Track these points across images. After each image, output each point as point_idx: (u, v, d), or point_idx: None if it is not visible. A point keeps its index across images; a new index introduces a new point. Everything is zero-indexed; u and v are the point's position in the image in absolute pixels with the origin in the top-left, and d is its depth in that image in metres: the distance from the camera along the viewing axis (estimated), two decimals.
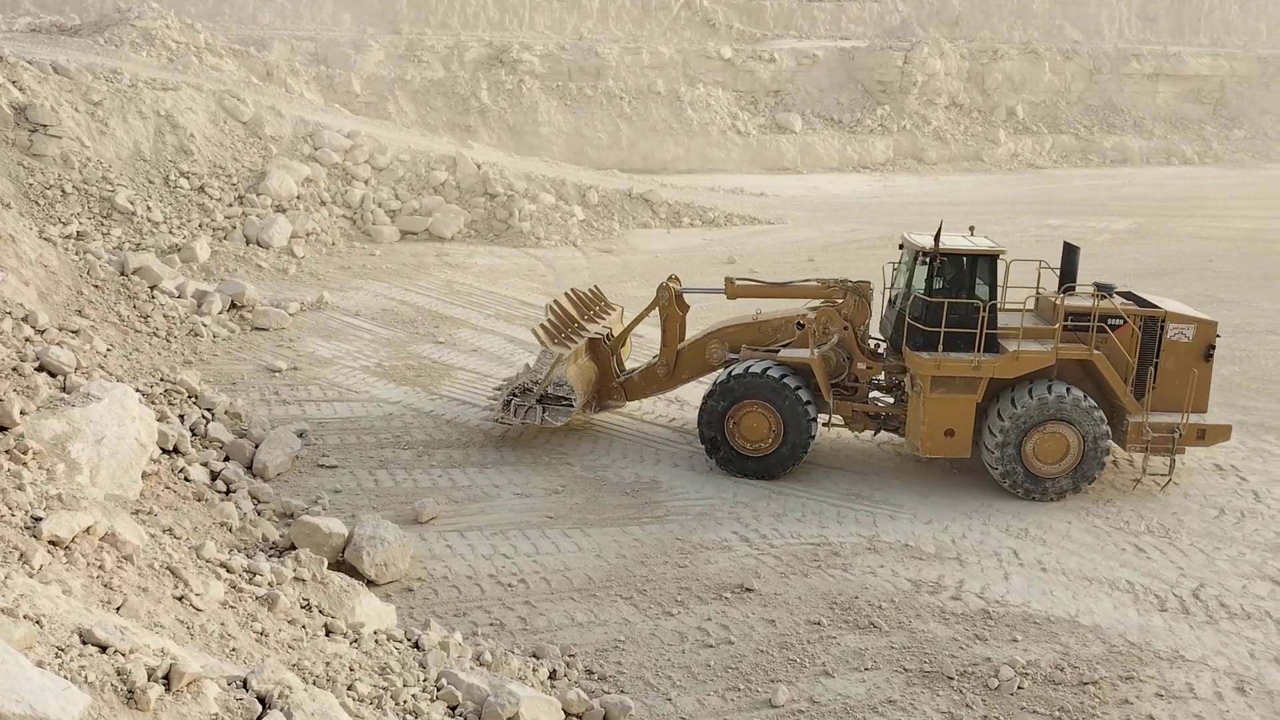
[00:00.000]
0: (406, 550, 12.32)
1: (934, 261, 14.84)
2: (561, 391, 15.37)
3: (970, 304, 14.73)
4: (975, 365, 14.53)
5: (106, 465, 11.19)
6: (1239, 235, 33.89)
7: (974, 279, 15.05)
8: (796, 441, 14.97)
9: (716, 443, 15.15)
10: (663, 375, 16.40)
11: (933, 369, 14.55)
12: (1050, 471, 14.72)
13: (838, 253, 29.28)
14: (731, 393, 14.99)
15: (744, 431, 15.04)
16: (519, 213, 28.54)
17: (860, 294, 15.72)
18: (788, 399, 14.88)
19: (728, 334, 16.12)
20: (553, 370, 15.33)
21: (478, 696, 8.99)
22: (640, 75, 45.19)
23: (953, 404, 14.64)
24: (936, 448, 14.88)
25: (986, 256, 15.04)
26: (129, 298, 19.20)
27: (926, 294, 14.84)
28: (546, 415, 15.41)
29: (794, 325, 15.74)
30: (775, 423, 14.95)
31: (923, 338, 14.78)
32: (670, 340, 16.33)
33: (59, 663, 6.00)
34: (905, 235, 16.04)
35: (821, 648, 11.26)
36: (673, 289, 16.32)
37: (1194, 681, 10.92)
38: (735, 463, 15.14)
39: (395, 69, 42.46)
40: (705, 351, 16.13)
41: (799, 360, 15.24)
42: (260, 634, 8.81)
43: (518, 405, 15.44)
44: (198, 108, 27.96)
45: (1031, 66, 51.24)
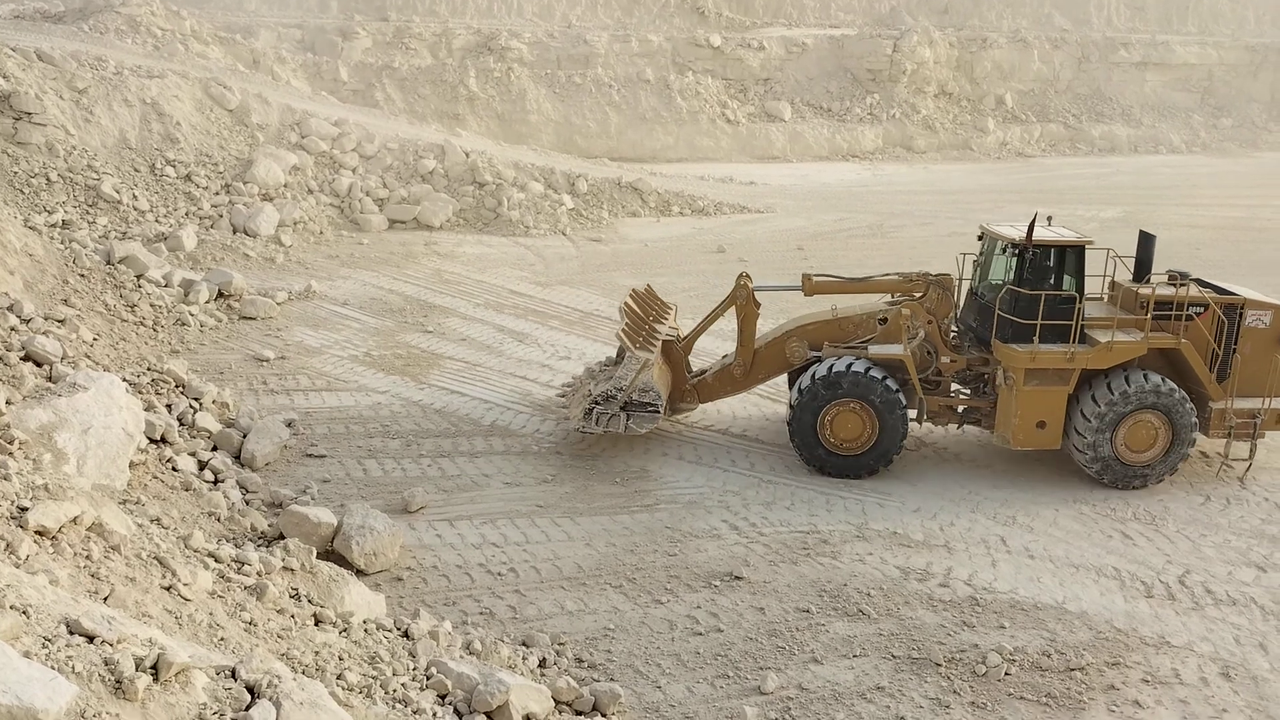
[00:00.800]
0: (396, 539, 12.31)
1: (1025, 254, 14.85)
2: (647, 398, 14.73)
3: (1062, 295, 14.77)
4: (1069, 357, 14.61)
5: (93, 455, 11.15)
6: (1226, 224, 34.02)
7: (1061, 270, 15.04)
8: (890, 440, 14.82)
9: (810, 444, 14.88)
10: (739, 375, 15.90)
11: (1027, 361, 14.59)
12: (1138, 460, 14.87)
13: (827, 241, 29.30)
14: (828, 391, 14.71)
15: (837, 430, 14.81)
16: (508, 201, 28.47)
17: (943, 287, 15.59)
18: (884, 397, 14.69)
19: (807, 332, 15.71)
20: (639, 375, 14.67)
21: (467, 685, 9.00)
22: (629, 63, 45.06)
23: (1045, 396, 14.74)
24: (1028, 440, 14.95)
25: (1075, 247, 15.02)
26: (115, 287, 19.09)
27: (1017, 286, 14.87)
28: (631, 422, 14.75)
29: (876, 321, 15.54)
30: (870, 421, 14.76)
31: (1013, 330, 14.80)
32: (748, 340, 15.78)
33: (46, 653, 5.98)
34: (986, 226, 16.00)
35: (810, 635, 11.30)
36: (749, 286, 15.80)
37: (1180, 667, 11.00)
38: (827, 461, 14.93)
39: (383, 56, 42.25)
40: (785, 350, 15.69)
41: (892, 356, 15.03)
42: (249, 624, 8.80)
43: (600, 413, 14.71)
44: (184, 95, 27.79)
45: (1020, 55, 51.28)
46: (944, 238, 30.24)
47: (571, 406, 15.72)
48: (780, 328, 16.18)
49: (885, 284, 16.06)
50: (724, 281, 24.72)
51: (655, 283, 24.41)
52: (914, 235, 30.48)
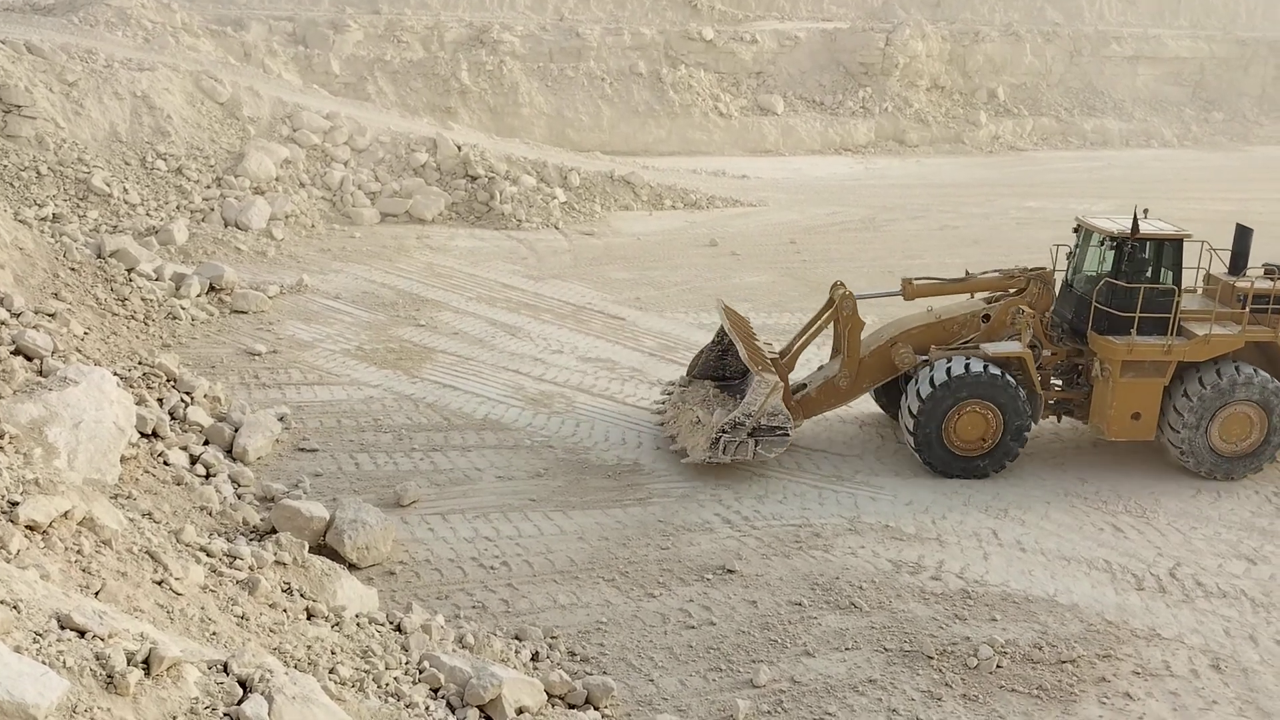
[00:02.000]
0: (388, 533, 12.30)
1: (1123, 246, 14.90)
2: (776, 421, 14.36)
3: (1160, 288, 14.83)
4: (1166, 349, 14.70)
5: (84, 449, 11.12)
6: (1218, 217, 34.00)
7: (1159, 263, 15.10)
8: (1014, 438, 14.78)
9: (934, 448, 14.73)
10: (845, 386, 15.50)
11: (1124, 353, 14.70)
12: (1232, 451, 14.99)
13: (819, 235, 29.30)
14: (951, 394, 14.54)
15: (960, 433, 14.70)
16: (500, 195, 28.40)
17: (1043, 281, 15.57)
18: (1010, 396, 14.61)
19: (912, 336, 15.48)
20: (768, 399, 14.28)
21: (460, 679, 9.01)
22: (622, 56, 44.96)
23: (1141, 388, 14.84)
24: (1123, 431, 15.05)
25: (1174, 241, 15.08)
26: (106, 280, 19.02)
27: (1115, 278, 14.90)
28: (760, 448, 14.37)
29: (979, 320, 15.45)
30: (995, 420, 14.69)
31: (1110, 322, 14.86)
32: (853, 350, 15.40)
33: (37, 648, 5.96)
34: (1081, 219, 16.01)
35: (803, 628, 11.32)
36: (853, 297, 15.40)
37: (1170, 659, 11.05)
38: (951, 464, 14.82)
39: (374, 49, 42.09)
40: (893, 357, 15.36)
41: (1011, 354, 14.93)
42: (241, 618, 8.79)
43: (728, 441, 14.26)
44: (174, 88, 27.67)
45: (1012, 49, 51.28)
46: (936, 231, 30.28)
47: (683, 437, 15.07)
48: (879, 334, 15.86)
49: (986, 282, 15.98)
50: (717, 275, 24.75)
51: (648, 277, 24.46)
52: (906, 229, 30.50)
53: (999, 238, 29.81)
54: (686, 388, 16.46)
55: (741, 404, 14.51)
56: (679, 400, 16.17)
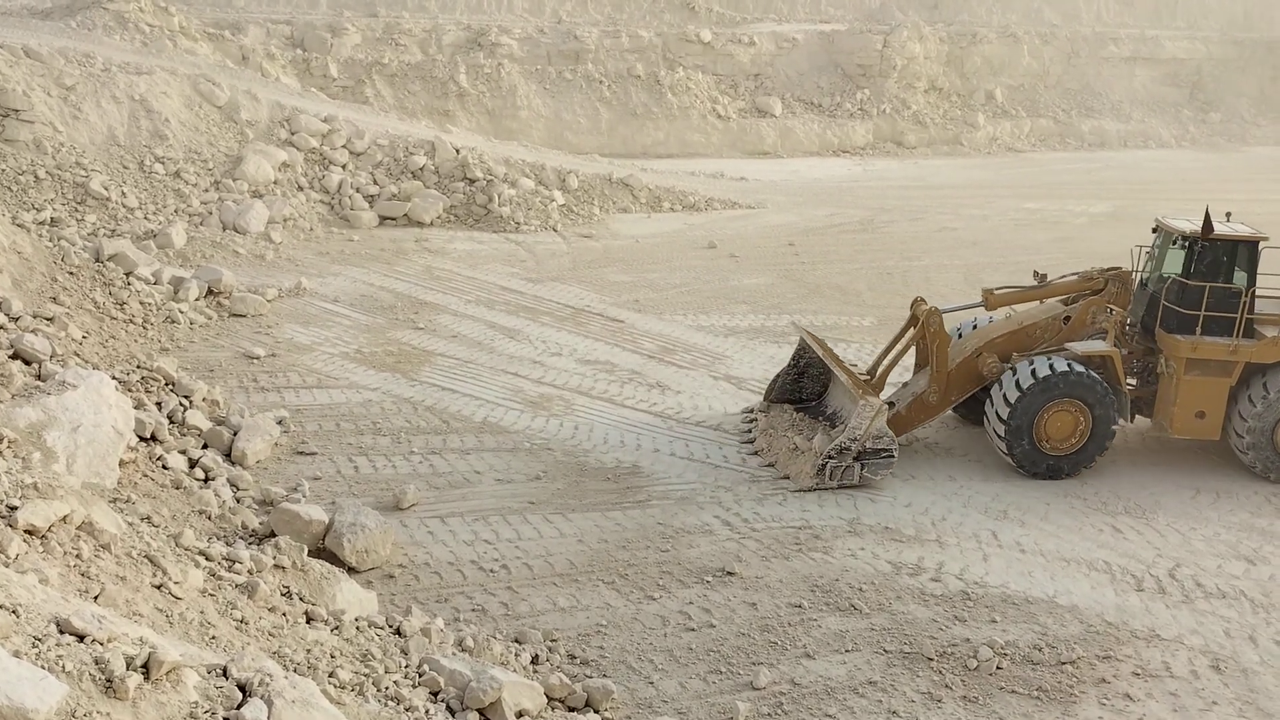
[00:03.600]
0: (387, 537, 12.29)
1: (1195, 246, 14.98)
2: (882, 444, 14.39)
3: (1228, 289, 14.90)
4: (1232, 349, 14.75)
5: (83, 453, 11.11)
6: None
7: (1233, 265, 15.16)
8: (1102, 437, 14.83)
9: (1026, 449, 14.76)
10: (935, 401, 15.48)
11: (1188, 351, 14.79)
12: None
13: (818, 237, 29.32)
14: (1043, 395, 14.56)
15: (1050, 433, 14.74)
16: (498, 198, 28.41)
17: (1121, 281, 15.69)
18: (1100, 394, 14.66)
19: (996, 344, 15.52)
20: (874, 422, 14.35)
21: (460, 682, 9.00)
22: (620, 59, 44.98)
23: (1206, 386, 14.91)
24: (1187, 429, 15.14)
25: (1248, 242, 15.14)
26: (104, 284, 19.01)
27: (1184, 277, 14.97)
28: (865, 471, 14.38)
29: (1060, 322, 15.55)
30: (1085, 420, 14.73)
31: (1177, 320, 14.95)
32: (942, 364, 15.34)
33: (36, 652, 5.95)
34: (1160, 219, 16.10)
35: (803, 630, 11.31)
36: (939, 313, 15.34)
37: (1170, 660, 11.04)
38: (1043, 465, 14.84)
39: (372, 53, 42.11)
40: (980, 367, 15.36)
41: (1099, 352, 15.00)
42: (240, 622, 8.78)
43: (835, 467, 14.28)
44: (172, 92, 27.66)
45: (1010, 50, 51.33)
46: (935, 232, 30.30)
47: (784, 465, 14.92)
48: (961, 345, 15.82)
49: (1065, 285, 16.03)
50: (715, 277, 24.76)
51: (647, 279, 24.46)
52: (905, 230, 30.52)
53: (997, 239, 29.83)
54: (767, 413, 16.28)
55: (847, 428, 14.46)
56: (768, 427, 15.91)
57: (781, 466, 14.96)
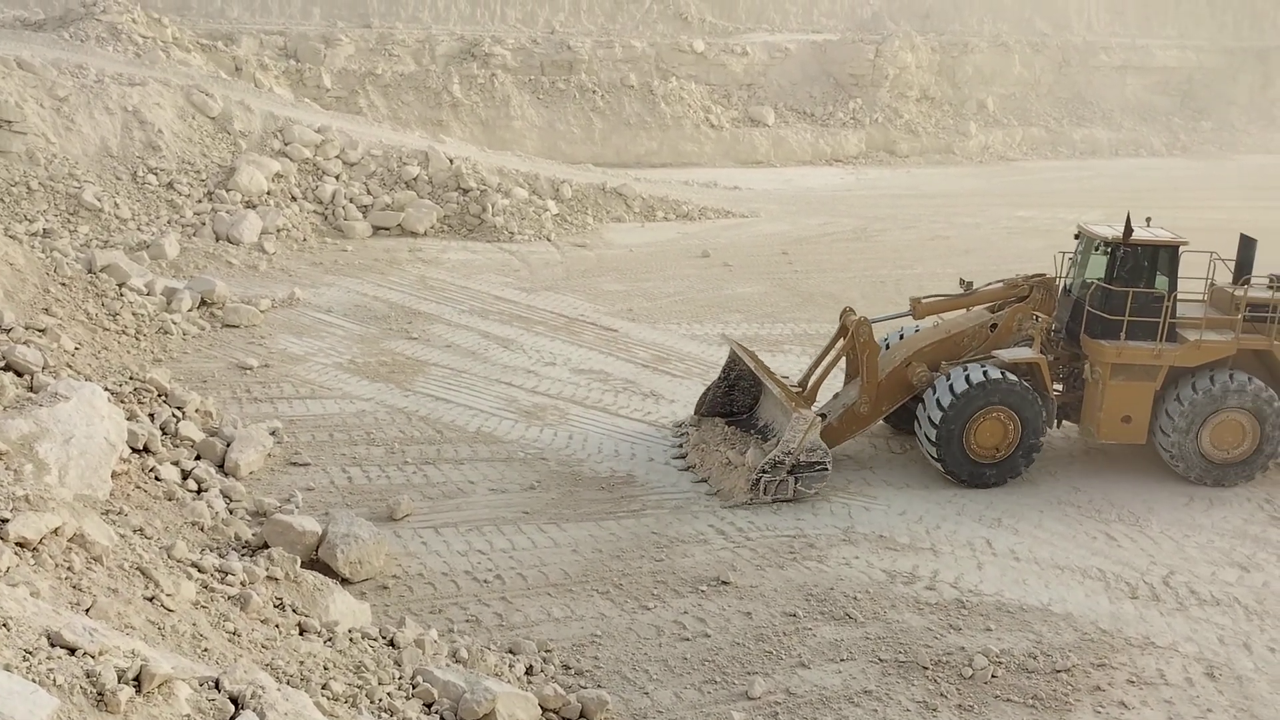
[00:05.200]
0: (381, 547, 12.25)
1: (1117, 252, 15.05)
2: (816, 456, 14.25)
3: (1152, 294, 14.95)
4: (1156, 354, 14.79)
5: (75, 465, 11.06)
6: (1207, 226, 34.16)
7: (1155, 269, 15.22)
8: (1032, 442, 14.80)
9: (955, 457, 14.69)
10: (866, 412, 15.37)
11: (1113, 356, 14.83)
12: (1224, 458, 15.04)
13: (811, 245, 29.37)
14: (971, 403, 14.52)
15: (980, 440, 14.69)
16: (492, 207, 28.42)
17: (1046, 288, 15.75)
18: (1028, 401, 14.64)
19: (925, 353, 15.49)
20: (808, 435, 14.19)
21: (454, 693, 8.97)
22: (613, 69, 45.08)
23: (1131, 391, 14.95)
24: (1113, 433, 15.16)
25: (1168, 247, 15.21)
26: (97, 295, 18.98)
27: (1107, 283, 15.03)
28: (799, 485, 14.25)
29: (987, 329, 15.56)
30: (1014, 427, 14.70)
31: (1101, 326, 14.98)
32: (872, 375, 15.24)
33: (27, 665, 5.93)
34: (1082, 225, 16.17)
35: (797, 639, 11.30)
36: (868, 324, 15.26)
37: (1165, 668, 11.05)
38: (973, 473, 14.78)
39: (366, 63, 42.14)
40: (909, 377, 15.28)
41: (1027, 360, 14.98)
42: (233, 634, 8.75)
43: (769, 482, 14.13)
44: (165, 103, 27.65)
45: (1001, 59, 51.54)
46: (927, 241, 30.36)
47: (717, 480, 14.70)
48: (890, 355, 15.78)
49: (991, 293, 16.09)
50: (709, 286, 24.78)
51: (641, 288, 24.48)
52: (897, 239, 30.58)
53: (990, 247, 29.89)
54: (698, 427, 16.12)
55: (781, 442, 14.33)
56: (699, 441, 15.70)
57: (714, 482, 14.75)
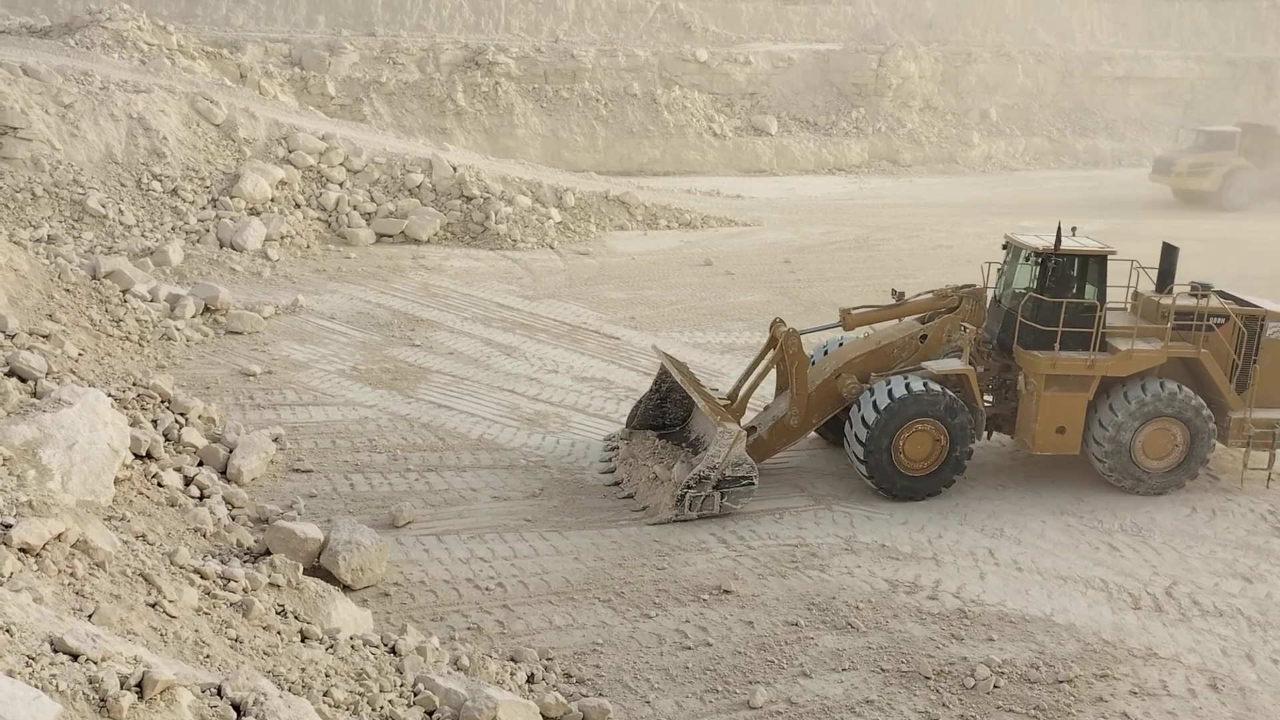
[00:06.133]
0: (383, 555, 12.25)
1: (1048, 262, 15.05)
2: (741, 471, 14.03)
3: (1083, 304, 14.96)
4: (1090, 364, 14.78)
5: (78, 471, 11.07)
6: (1211, 236, 34.23)
7: (1084, 279, 15.23)
8: (960, 456, 14.70)
9: (883, 470, 14.51)
10: (796, 425, 15.18)
11: (1048, 367, 14.78)
12: (1156, 467, 15.03)
13: (814, 254, 29.38)
14: (898, 415, 14.35)
15: (908, 453, 14.56)
16: (495, 215, 28.46)
17: (976, 298, 15.69)
18: (957, 414, 14.55)
19: (854, 365, 15.37)
20: (733, 449, 13.95)
21: (455, 701, 8.96)
22: (616, 77, 45.18)
23: (1065, 402, 14.90)
24: (1048, 445, 15.09)
25: (1097, 257, 15.23)
26: (101, 302, 19.01)
27: (1039, 294, 15.02)
28: (725, 500, 14.01)
29: (917, 341, 15.49)
30: (943, 439, 14.61)
31: (1034, 337, 14.95)
32: (801, 388, 15.09)
33: (29, 671, 5.93)
34: (1010, 236, 16.15)
35: (799, 649, 11.28)
36: (797, 335, 15.07)
37: (1168, 679, 11.02)
38: (901, 486, 14.65)
39: (370, 71, 42.26)
40: (839, 389, 15.15)
41: (956, 371, 14.89)
42: (235, 640, 8.75)
43: (694, 497, 13.88)
44: (170, 110, 27.73)
45: (1004, 69, 51.61)
46: (930, 250, 30.36)
47: (643, 496, 14.49)
48: (821, 367, 15.72)
49: (921, 304, 15.99)
50: (711, 294, 24.79)
51: (643, 296, 24.50)
52: (900, 247, 30.59)
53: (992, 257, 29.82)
54: (630, 441, 15.85)
55: (705, 457, 14.05)
56: (628, 455, 15.41)
57: (641, 497, 14.47)
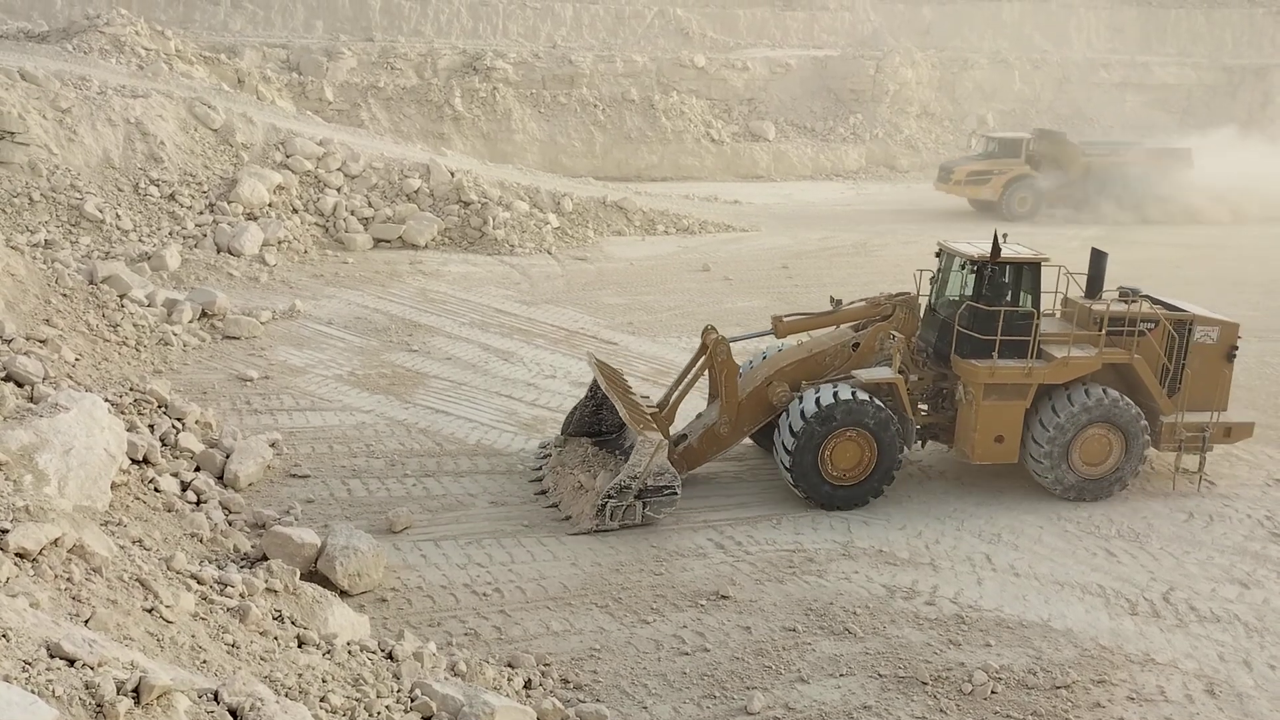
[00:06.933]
0: (380, 560, 12.24)
1: (983, 270, 15.02)
2: (664, 480, 13.78)
3: (1019, 311, 14.93)
4: (1027, 372, 14.74)
5: (75, 476, 11.06)
6: (1206, 242, 34.32)
7: (1019, 287, 15.19)
8: (889, 465, 14.59)
9: (811, 479, 14.38)
10: (726, 433, 15.07)
11: (986, 376, 14.72)
12: (1093, 473, 15.03)
13: (811, 260, 29.42)
14: (825, 424, 14.21)
15: (836, 462, 14.42)
16: (493, 220, 28.48)
17: (908, 306, 15.62)
18: (883, 422, 14.43)
19: (786, 373, 15.28)
20: (654, 459, 13.70)
21: (452, 707, 8.95)
22: (614, 83, 45.26)
23: (1003, 410, 14.86)
24: (987, 454, 15.04)
25: (1031, 264, 15.19)
26: (98, 306, 19.00)
27: (976, 302, 14.99)
28: (648, 510, 13.76)
29: (849, 349, 15.40)
30: (870, 448, 14.47)
31: (971, 346, 14.90)
32: (731, 395, 15.01)
33: (26, 676, 5.92)
34: (943, 243, 16.10)
35: (797, 654, 11.28)
36: (726, 342, 15.00)
37: (1165, 684, 11.03)
38: (829, 495, 14.53)
39: (368, 76, 42.32)
40: (770, 396, 15.04)
41: (883, 380, 14.83)
42: (231, 646, 8.74)
43: (615, 507, 13.66)
44: (168, 115, 27.74)
45: (1001, 76, 51.76)
46: (928, 256, 30.30)
47: (566, 504, 14.35)
48: (753, 374, 15.65)
49: (853, 311, 15.86)
50: (709, 300, 24.81)
51: (641, 301, 24.51)
52: (898, 253, 30.60)
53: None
54: (563, 448, 15.68)
55: (626, 466, 13.80)
56: (557, 463, 15.18)
57: (565, 506, 14.27)
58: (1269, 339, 23.38)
